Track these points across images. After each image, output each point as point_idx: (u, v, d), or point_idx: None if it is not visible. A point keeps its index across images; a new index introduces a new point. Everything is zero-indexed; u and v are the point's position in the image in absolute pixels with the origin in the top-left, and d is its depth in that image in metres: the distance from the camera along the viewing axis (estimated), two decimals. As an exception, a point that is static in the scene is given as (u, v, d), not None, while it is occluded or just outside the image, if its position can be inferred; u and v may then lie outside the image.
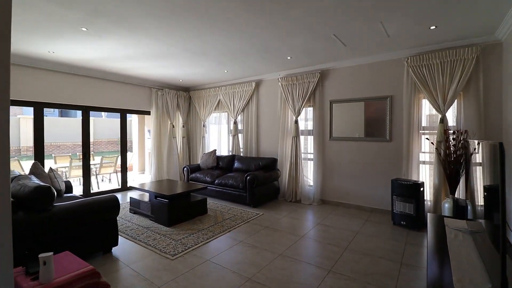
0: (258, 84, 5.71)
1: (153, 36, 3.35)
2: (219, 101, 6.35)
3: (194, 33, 3.24)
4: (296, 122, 4.98)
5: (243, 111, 5.92)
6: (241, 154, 5.96)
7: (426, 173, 3.85)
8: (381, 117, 4.23)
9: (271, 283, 2.28)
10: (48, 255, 1.67)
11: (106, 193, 5.74)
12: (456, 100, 3.58)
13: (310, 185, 4.99)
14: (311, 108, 5.00)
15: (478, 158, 2.92)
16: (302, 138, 5.06)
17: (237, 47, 3.80)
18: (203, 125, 6.69)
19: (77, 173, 5.96)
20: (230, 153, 6.12)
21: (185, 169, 5.82)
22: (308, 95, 4.83)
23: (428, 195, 3.78)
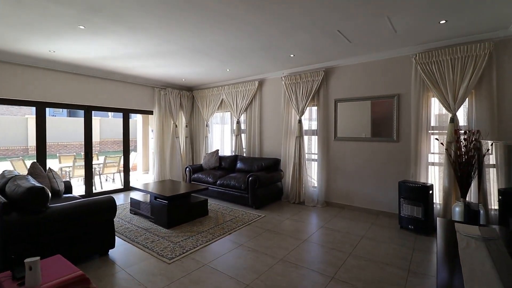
0: (261, 83, 5.61)
1: (151, 34, 3.27)
2: (222, 101, 6.27)
3: (193, 29, 3.15)
4: (299, 121, 4.85)
5: (246, 110, 5.82)
6: (244, 154, 5.87)
7: (435, 175, 3.67)
8: (388, 117, 4.07)
9: (270, 291, 2.17)
10: (34, 260, 1.60)
11: (109, 193, 5.73)
12: (467, 99, 3.40)
13: (314, 186, 4.86)
14: (315, 108, 4.86)
15: (491, 160, 2.78)
16: (306, 138, 4.93)
17: (237, 45, 3.70)
18: (206, 125, 6.61)
19: (81, 173, 5.96)
20: (233, 153, 6.03)
21: (187, 169, 5.76)
22: (312, 94, 4.70)
23: (437, 198, 3.61)
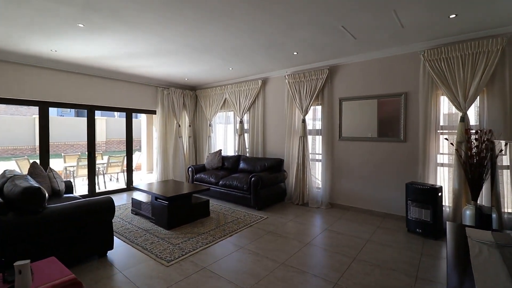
0: (265, 82, 5.52)
1: (151, 32, 3.21)
2: (225, 100, 6.20)
3: (192, 27, 3.08)
4: (303, 121, 4.75)
5: (249, 110, 5.74)
6: (247, 154, 5.79)
7: (444, 177, 3.53)
8: (395, 116, 3.93)
9: (269, 296, 2.09)
10: (24, 263, 1.54)
11: (112, 193, 5.72)
12: (478, 97, 3.25)
13: (318, 187, 4.75)
14: (319, 107, 4.75)
15: (505, 161, 2.63)
16: (310, 138, 4.83)
17: (239, 42, 3.62)
18: (209, 125, 6.56)
19: (85, 172, 5.95)
20: (236, 153, 5.96)
21: (189, 169, 5.71)
22: (316, 92, 4.59)
23: (447, 201, 3.47)
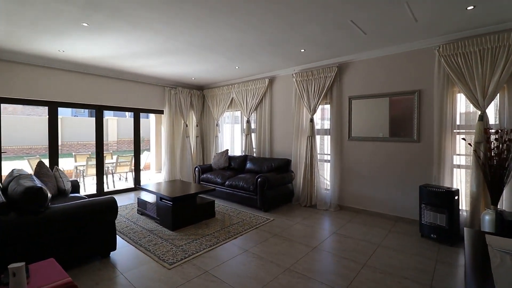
0: (272, 80, 5.41)
1: (155, 30, 3.17)
2: (232, 99, 6.13)
3: (196, 24, 3.01)
4: (311, 120, 4.62)
5: (256, 109, 5.65)
6: (254, 154, 5.70)
7: (461, 179, 3.33)
8: (408, 115, 3.75)
9: (273, 304, 1.99)
10: (18, 265, 1.50)
11: (120, 192, 5.76)
12: (498, 94, 3.05)
13: (326, 188, 4.60)
14: (328, 106, 4.61)
15: (529, 163, 2.44)
16: (318, 138, 4.69)
17: (244, 40, 3.53)
18: (216, 124, 6.51)
19: (94, 172, 6.02)
20: (243, 153, 5.88)
21: (196, 169, 5.67)
22: (325, 91, 4.45)
23: (464, 205, 3.27)
